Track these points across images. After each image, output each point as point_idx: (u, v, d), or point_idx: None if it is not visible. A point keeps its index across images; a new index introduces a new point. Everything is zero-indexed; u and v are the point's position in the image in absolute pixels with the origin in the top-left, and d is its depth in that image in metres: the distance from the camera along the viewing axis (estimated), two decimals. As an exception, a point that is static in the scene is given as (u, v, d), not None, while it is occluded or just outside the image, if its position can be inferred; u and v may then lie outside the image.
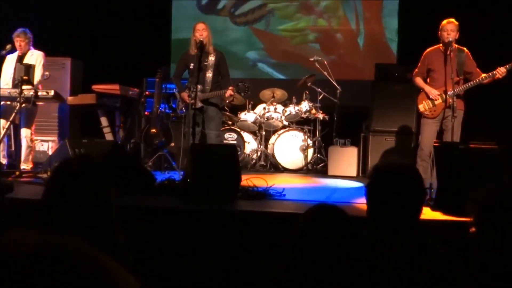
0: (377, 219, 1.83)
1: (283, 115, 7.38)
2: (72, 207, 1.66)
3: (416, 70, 5.49)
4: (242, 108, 7.62)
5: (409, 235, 1.78)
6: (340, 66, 8.16)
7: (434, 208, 3.84)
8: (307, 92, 7.34)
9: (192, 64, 5.78)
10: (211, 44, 5.84)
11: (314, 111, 7.24)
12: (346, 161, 6.81)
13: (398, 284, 1.66)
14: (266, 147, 7.32)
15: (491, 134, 5.63)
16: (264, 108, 7.45)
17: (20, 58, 6.01)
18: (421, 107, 5.33)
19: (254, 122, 7.41)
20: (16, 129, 6.09)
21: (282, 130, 7.34)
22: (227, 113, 7.48)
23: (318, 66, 7.24)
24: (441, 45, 5.30)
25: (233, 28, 8.88)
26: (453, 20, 5.19)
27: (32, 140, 6.01)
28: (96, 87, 7.07)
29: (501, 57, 5.20)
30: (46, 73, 6.20)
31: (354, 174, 6.73)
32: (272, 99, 7.52)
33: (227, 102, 6.96)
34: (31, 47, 6.09)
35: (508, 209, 1.45)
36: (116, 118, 7.29)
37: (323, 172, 6.94)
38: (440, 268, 1.69)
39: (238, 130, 7.37)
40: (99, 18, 8.42)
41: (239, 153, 6.79)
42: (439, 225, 3.53)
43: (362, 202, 4.10)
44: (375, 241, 1.80)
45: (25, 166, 5.90)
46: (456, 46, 5.21)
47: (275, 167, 7.20)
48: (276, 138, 7.23)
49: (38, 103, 6.01)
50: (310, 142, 7.14)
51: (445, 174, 4.05)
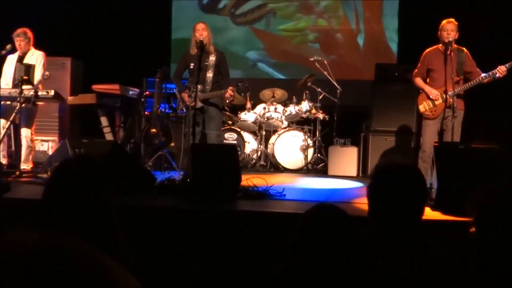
0: (378, 219, 1.83)
1: (283, 115, 7.38)
2: (72, 207, 1.67)
3: (415, 70, 5.48)
4: (242, 108, 7.62)
5: (409, 235, 1.78)
6: (340, 66, 8.17)
7: (434, 208, 3.84)
8: (307, 92, 7.34)
9: (192, 64, 5.78)
10: (212, 43, 5.85)
11: (314, 111, 7.24)
12: (346, 161, 6.81)
13: (398, 284, 1.66)
14: (266, 147, 7.31)
15: (491, 134, 5.63)
16: (264, 108, 7.44)
17: (20, 58, 6.01)
18: (421, 108, 5.33)
19: (254, 122, 7.41)
20: (16, 129, 6.09)
21: (282, 130, 7.33)
22: (227, 113, 7.48)
23: (318, 66, 7.24)
24: (440, 45, 5.30)
25: (233, 27, 8.88)
26: (452, 20, 5.20)
27: (32, 140, 6.01)
28: (96, 87, 7.07)
29: (501, 56, 5.19)
30: (47, 73, 6.20)
31: (354, 174, 6.74)
32: (272, 99, 7.52)
33: (227, 102, 6.96)
34: (32, 47, 6.09)
35: (508, 209, 1.45)
36: (116, 118, 7.29)
37: (323, 172, 6.94)
38: (440, 268, 1.69)
39: (238, 130, 7.36)
40: (99, 18, 8.42)
41: (239, 153, 6.79)
42: (439, 225, 3.53)
43: (362, 202, 4.10)
44: (375, 241, 1.80)
45: (25, 166, 5.90)
46: (455, 46, 5.22)
47: (275, 167, 7.20)
48: (276, 138, 7.22)
49: (38, 103, 6.02)
50: (310, 142, 7.14)
51: (445, 174, 4.05)
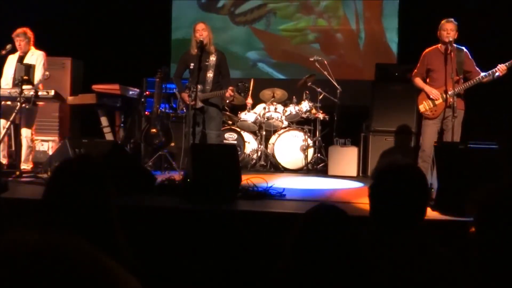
0: (380, 219, 1.83)
1: (283, 115, 7.38)
2: (72, 207, 1.67)
3: (415, 70, 5.48)
4: (242, 108, 7.62)
5: (409, 235, 1.78)
6: (340, 66, 8.16)
7: (434, 208, 3.84)
8: (307, 92, 7.34)
9: (192, 64, 5.78)
10: (212, 44, 5.85)
11: (314, 111, 7.24)
12: (346, 161, 6.81)
13: (398, 284, 1.66)
14: (266, 147, 7.31)
15: (491, 133, 5.63)
16: (264, 108, 7.44)
17: (20, 58, 6.00)
18: (421, 108, 5.32)
19: (254, 122, 7.41)
20: (16, 129, 6.09)
21: (282, 130, 7.33)
22: (227, 113, 7.48)
23: (318, 66, 7.24)
24: (440, 45, 5.30)
25: (233, 27, 8.88)
26: (452, 20, 5.20)
27: (32, 140, 6.01)
28: (96, 87, 7.07)
29: (501, 56, 5.20)
30: (47, 73, 6.19)
31: (354, 174, 6.73)
32: (272, 99, 7.52)
33: (227, 102, 6.96)
34: (32, 47, 6.09)
35: (508, 209, 1.45)
36: (116, 118, 7.29)
37: (323, 172, 6.94)
38: (440, 268, 1.69)
39: (238, 130, 7.36)
40: (99, 18, 8.42)
41: (239, 153, 6.78)
42: (439, 225, 3.53)
43: (362, 202, 4.10)
44: (375, 241, 1.80)
45: (25, 166, 5.90)
46: (455, 45, 5.22)
47: (275, 167, 7.20)
48: (276, 138, 7.22)
49: (38, 103, 6.02)
50: (310, 142, 7.14)
51: (445, 174, 4.05)
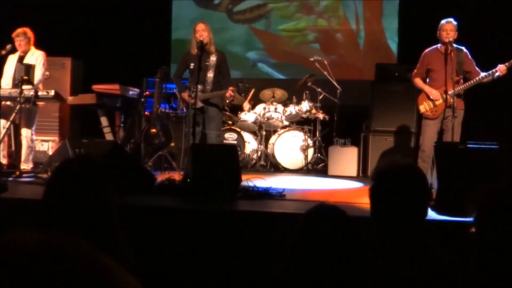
0: (381, 220, 1.83)
1: (283, 115, 7.38)
2: (72, 207, 1.67)
3: (415, 71, 5.48)
4: (242, 108, 7.63)
5: (409, 235, 1.78)
6: (340, 66, 8.16)
7: (434, 208, 3.84)
8: (307, 92, 7.34)
9: (192, 64, 5.78)
10: (212, 44, 5.85)
11: (314, 111, 7.24)
12: (346, 161, 6.81)
13: (398, 284, 1.66)
14: (266, 147, 7.31)
15: (492, 133, 5.63)
16: (264, 108, 7.44)
17: (20, 58, 6.00)
18: (421, 108, 5.32)
19: (254, 122, 7.41)
20: (16, 129, 6.08)
21: (282, 130, 7.33)
22: (227, 113, 7.48)
23: (318, 66, 7.24)
24: (439, 45, 5.30)
25: (232, 26, 8.86)
26: (451, 20, 5.20)
27: (32, 140, 6.00)
28: (96, 87, 7.07)
29: (501, 56, 5.20)
30: (47, 73, 6.19)
31: (354, 174, 6.74)
32: (272, 99, 7.52)
33: (227, 102, 6.96)
34: (32, 47, 6.09)
35: (508, 209, 1.45)
36: (116, 118, 7.29)
37: (323, 172, 6.94)
38: (440, 268, 1.69)
39: (238, 130, 7.36)
40: (99, 18, 8.42)
41: (239, 153, 6.78)
42: (439, 225, 3.53)
43: (362, 202, 4.10)
44: (375, 241, 1.80)
45: (25, 166, 5.90)
46: (454, 45, 5.22)
47: (275, 167, 7.20)
48: (276, 138, 7.22)
49: (38, 103, 6.01)
50: (310, 142, 7.14)
51: (445, 174, 4.05)
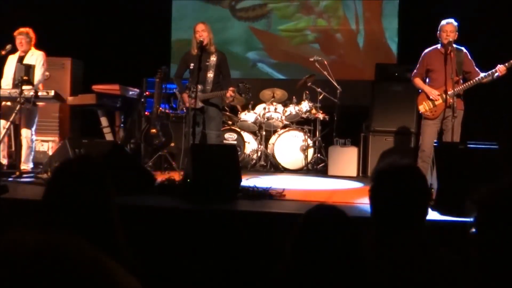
0: (380, 220, 1.83)
1: (283, 115, 7.37)
2: (72, 208, 1.67)
3: (415, 71, 5.48)
4: (242, 108, 7.62)
5: (409, 235, 1.78)
6: (340, 66, 8.16)
7: (434, 208, 3.84)
8: (307, 92, 7.34)
9: (192, 64, 5.78)
10: (213, 44, 5.84)
11: (314, 111, 7.24)
12: (346, 161, 6.81)
13: (398, 284, 1.66)
14: (266, 147, 7.31)
15: (491, 134, 5.63)
16: (264, 108, 7.44)
17: (20, 58, 6.00)
18: (421, 108, 5.33)
19: (254, 122, 7.41)
20: (16, 129, 6.08)
21: (282, 130, 7.33)
22: (227, 113, 7.48)
23: (318, 66, 7.24)
24: (439, 45, 5.30)
25: (233, 25, 8.85)
26: (452, 20, 5.20)
27: (32, 140, 6.00)
28: (96, 87, 7.07)
29: (501, 56, 5.20)
30: (47, 73, 6.19)
31: (354, 174, 6.73)
32: (272, 99, 7.51)
33: (227, 102, 6.96)
34: (32, 47, 6.09)
35: (508, 209, 1.45)
36: (116, 118, 7.29)
37: (323, 172, 6.94)
38: (440, 268, 1.69)
39: (238, 130, 7.36)
40: (99, 18, 8.42)
41: (239, 153, 6.78)
42: (439, 225, 3.53)
43: (362, 202, 4.10)
44: (375, 241, 1.80)
45: (25, 166, 5.90)
46: (454, 46, 5.22)
47: (275, 167, 7.19)
48: (276, 138, 7.22)
49: (38, 103, 6.01)
50: (310, 142, 7.14)
51: (445, 174, 4.05)
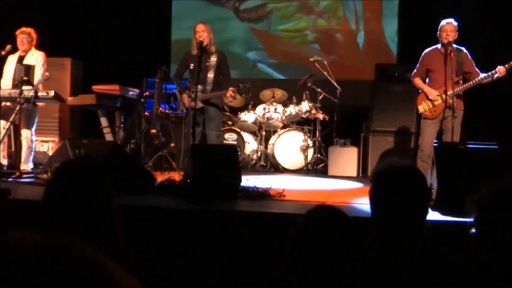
0: (380, 220, 1.83)
1: (283, 115, 7.38)
2: (72, 208, 1.67)
3: (415, 70, 5.48)
4: (242, 108, 7.62)
5: (409, 235, 1.78)
6: (340, 66, 8.16)
7: (434, 208, 3.84)
8: (307, 92, 7.34)
9: (192, 64, 5.78)
10: (213, 44, 5.84)
11: (314, 111, 7.24)
12: (346, 161, 6.81)
13: (398, 284, 1.66)
14: (266, 147, 7.31)
15: (492, 133, 5.63)
16: (264, 108, 7.44)
17: (20, 59, 6.00)
18: (420, 108, 5.33)
19: (254, 123, 7.41)
20: (16, 129, 6.08)
21: (282, 130, 7.33)
22: (227, 113, 7.48)
23: (318, 66, 7.24)
24: (439, 45, 5.30)
25: (233, 25, 8.84)
26: (452, 20, 5.20)
27: (32, 140, 6.00)
28: (96, 88, 7.07)
29: (501, 57, 5.20)
30: (46, 73, 6.19)
31: (354, 174, 6.74)
32: (272, 99, 7.51)
33: (226, 102, 6.96)
34: (33, 48, 6.08)
35: (508, 209, 1.45)
36: (116, 118, 7.29)
37: (323, 172, 6.94)
38: (440, 268, 1.69)
39: (238, 130, 7.36)
40: (99, 18, 8.42)
41: (239, 153, 6.78)
42: (439, 225, 3.53)
43: (362, 203, 4.10)
44: (375, 241, 1.80)
45: (25, 166, 5.90)
46: (454, 46, 5.22)
47: (275, 168, 7.20)
48: (276, 138, 7.22)
49: (38, 104, 6.01)
50: (310, 142, 7.14)
51: (445, 174, 4.05)
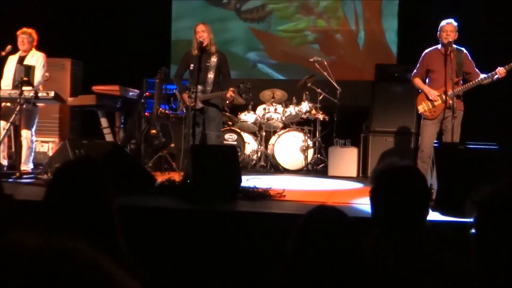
0: (381, 221, 1.83)
1: (283, 116, 7.38)
2: (72, 209, 1.67)
3: (415, 71, 5.49)
4: (243, 108, 7.62)
5: (409, 236, 1.78)
6: (340, 67, 8.16)
7: (434, 208, 3.84)
8: (307, 92, 7.34)
9: (192, 64, 5.78)
10: (213, 44, 5.84)
11: (314, 112, 7.24)
12: (346, 161, 6.80)
13: (398, 284, 1.66)
14: (266, 148, 7.31)
15: (491, 134, 5.63)
16: (264, 108, 7.44)
17: (21, 59, 6.00)
18: (420, 108, 5.33)
19: (254, 123, 7.41)
20: (16, 130, 6.08)
21: (282, 131, 7.33)
22: (227, 113, 7.48)
23: (318, 67, 7.24)
24: (439, 45, 5.30)
25: (233, 26, 8.84)
26: (452, 21, 5.20)
27: (32, 141, 6.00)
28: (96, 88, 7.07)
29: (501, 57, 5.20)
30: (47, 74, 6.19)
31: (354, 174, 6.73)
32: (272, 100, 7.52)
33: (227, 102, 6.96)
34: (33, 48, 6.08)
35: (508, 209, 1.45)
36: (116, 119, 7.29)
37: (323, 172, 6.94)
38: (440, 268, 1.69)
39: (238, 131, 7.36)
40: (99, 18, 8.42)
41: (239, 153, 6.78)
42: (439, 225, 3.53)
43: (362, 203, 4.11)
44: (375, 241, 1.80)
45: (25, 167, 5.89)
46: (454, 46, 5.22)
47: (275, 168, 7.20)
48: (276, 139, 7.22)
49: (38, 104, 6.01)
50: (310, 142, 7.14)
51: (445, 174, 4.05)
